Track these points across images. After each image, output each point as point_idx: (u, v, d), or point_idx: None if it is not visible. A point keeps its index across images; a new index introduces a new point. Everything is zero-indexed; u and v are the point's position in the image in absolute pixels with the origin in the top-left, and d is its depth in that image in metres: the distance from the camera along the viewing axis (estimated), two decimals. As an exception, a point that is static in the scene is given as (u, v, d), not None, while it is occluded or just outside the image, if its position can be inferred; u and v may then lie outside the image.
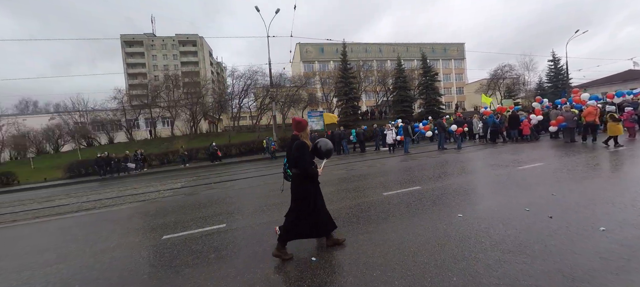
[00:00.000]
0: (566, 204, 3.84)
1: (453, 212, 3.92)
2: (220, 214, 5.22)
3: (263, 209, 5.29)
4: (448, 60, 63.15)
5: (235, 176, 11.20)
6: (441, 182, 5.90)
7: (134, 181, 14.24)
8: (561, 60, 40.28)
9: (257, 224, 4.37)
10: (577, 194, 4.25)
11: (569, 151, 8.69)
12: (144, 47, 63.15)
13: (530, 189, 4.76)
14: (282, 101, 36.61)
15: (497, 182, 5.56)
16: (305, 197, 3.03)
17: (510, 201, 4.21)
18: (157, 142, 30.88)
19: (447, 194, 4.96)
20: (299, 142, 3.00)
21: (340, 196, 5.62)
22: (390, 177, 7.12)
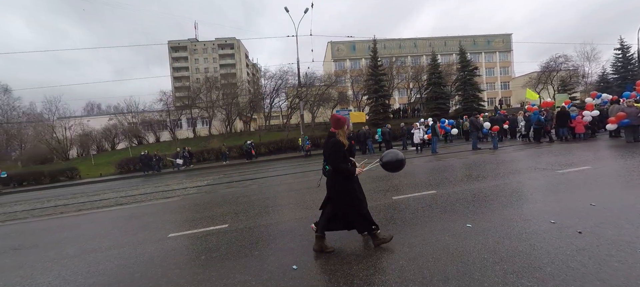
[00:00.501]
0: (606, 218, 3.21)
1: (462, 222, 3.52)
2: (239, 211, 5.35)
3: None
4: (492, 53, 58.15)
5: (268, 173, 11.53)
6: (460, 187, 5.38)
7: (171, 177, 15.44)
8: (631, 48, 34.73)
9: (261, 225, 4.39)
10: (624, 206, 3.54)
11: (627, 152, 7.37)
12: (187, 52, 68.29)
13: (565, 197, 4.10)
14: (312, 100, 36.94)
15: (525, 187, 4.89)
16: (341, 193, 3.01)
17: (534, 211, 3.66)
18: (196, 141, 33.19)
19: (462, 200, 4.49)
20: (334, 140, 2.97)
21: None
22: (407, 179, 6.68)
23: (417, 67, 37.59)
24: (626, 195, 3.95)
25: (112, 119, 38.24)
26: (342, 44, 56.64)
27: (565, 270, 2.27)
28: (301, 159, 17.75)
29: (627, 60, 35.02)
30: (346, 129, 3.09)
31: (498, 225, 3.31)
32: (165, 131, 38.53)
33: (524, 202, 4.07)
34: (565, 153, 8.39)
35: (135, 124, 37.96)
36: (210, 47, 68.96)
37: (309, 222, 4.20)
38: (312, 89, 37.19)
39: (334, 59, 56.45)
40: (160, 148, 28.74)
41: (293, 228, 4.01)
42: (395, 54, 55.12)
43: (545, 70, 37.45)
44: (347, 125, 3.10)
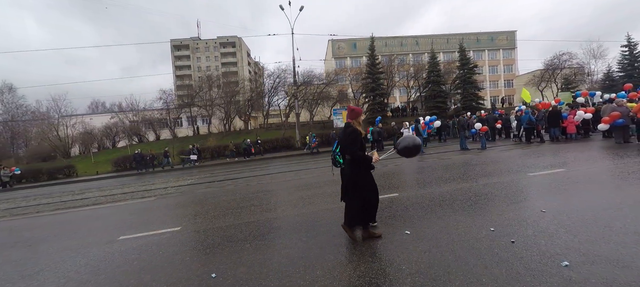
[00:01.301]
0: (548, 226, 3.08)
1: (403, 228, 3.42)
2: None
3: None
4: (495, 51, 57.15)
5: (257, 172, 11.53)
6: (424, 190, 5.25)
7: (162, 176, 15.55)
8: (639, 46, 33.77)
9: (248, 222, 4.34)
10: (572, 213, 3.39)
11: (611, 154, 7.13)
12: (189, 50, 68.71)
13: (519, 203, 3.96)
14: (311, 99, 36.82)
15: (487, 192, 4.74)
16: (358, 183, 3.08)
17: (480, 218, 3.54)
18: (195, 139, 33.41)
19: (417, 204, 4.38)
20: (351, 129, 3.08)
21: (302, 201, 5.34)
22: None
23: (416, 65, 37.04)
24: (582, 201, 3.80)
25: (113, 117, 38.78)
26: (343, 41, 56.32)
27: (476, 282, 2.17)
28: (297, 157, 17.72)
29: (634, 58, 34.10)
30: (361, 119, 3.22)
31: (436, 232, 3.20)
32: (166, 129, 38.90)
33: (476, 209, 3.94)
34: (548, 154, 8.18)
35: (136, 122, 38.39)
36: (212, 45, 69.28)
37: (260, 226, 4.16)
38: (311, 87, 37.08)
39: (334, 57, 56.14)
40: (158, 146, 29.03)
41: (249, 232, 3.96)
42: (397, 52, 54.65)
43: (548, 68, 36.68)
44: (362, 115, 3.25)
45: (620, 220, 3.04)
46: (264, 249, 3.22)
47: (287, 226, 4.00)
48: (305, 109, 38.49)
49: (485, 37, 57.17)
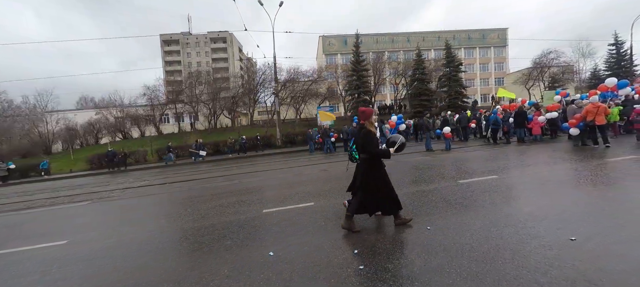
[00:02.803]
0: (423, 247, 2.84)
1: (265, 250, 3.15)
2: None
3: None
4: (487, 49, 56.94)
5: (217, 172, 11.24)
6: (342, 199, 5.01)
7: (133, 175, 15.22)
8: (626, 44, 33.68)
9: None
10: (458, 232, 3.15)
11: (560, 159, 6.93)
12: (179, 46, 67.75)
13: (421, 217, 3.71)
14: (298, 96, 36.42)
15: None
16: (374, 179, 3.32)
17: (356, 235, 3.29)
18: (180, 136, 32.97)
19: (327, 215, 4.13)
20: (366, 130, 3.34)
21: (222, 209, 5.08)
22: (302, 188, 6.32)
23: (404, 62, 36.73)
24: (481, 215, 3.56)
25: (98, 113, 38.17)
26: (334, 38, 55.78)
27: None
28: (272, 157, 17.41)
29: (621, 57, 34.04)
30: (374, 118, 3.52)
31: (303, 253, 2.94)
32: (151, 126, 38.33)
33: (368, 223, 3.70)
34: (499, 158, 7.97)
35: (121, 118, 37.79)
36: (203, 40, 68.37)
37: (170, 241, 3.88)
38: (297, 84, 36.64)
39: (325, 54, 55.67)
40: (141, 144, 28.62)
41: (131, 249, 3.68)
42: (388, 49, 54.29)
43: (536, 66, 36.55)
44: (374, 115, 3.52)
45: (493, 241, 2.80)
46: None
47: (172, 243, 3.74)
48: (292, 107, 38.17)
49: (477, 35, 56.94)
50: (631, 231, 2.73)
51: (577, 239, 2.64)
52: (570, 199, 3.85)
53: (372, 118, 3.45)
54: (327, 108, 32.21)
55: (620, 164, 5.72)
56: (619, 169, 5.37)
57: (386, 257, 2.66)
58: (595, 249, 2.45)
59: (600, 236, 2.66)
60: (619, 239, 2.58)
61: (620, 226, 2.86)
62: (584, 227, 2.90)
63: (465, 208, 3.88)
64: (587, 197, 3.88)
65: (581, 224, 2.98)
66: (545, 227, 2.98)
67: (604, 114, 8.60)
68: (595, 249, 2.45)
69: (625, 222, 2.92)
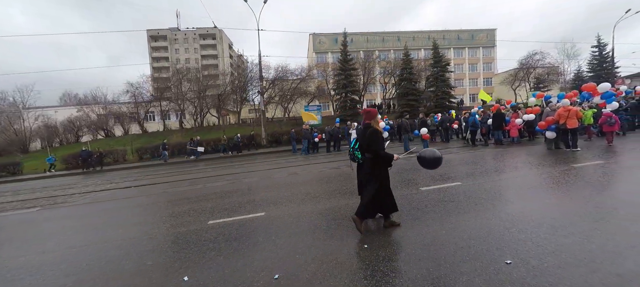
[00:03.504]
0: (307, 267, 2.59)
1: (178, 278, 2.87)
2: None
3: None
4: (475, 49, 57.43)
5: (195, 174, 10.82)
6: (294, 208, 4.74)
7: (109, 176, 14.65)
8: (608, 46, 34.39)
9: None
10: (392, 247, 2.92)
11: (530, 163, 6.82)
12: (167, 41, 66.28)
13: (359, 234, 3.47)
14: (287, 95, 35.99)
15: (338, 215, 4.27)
16: (376, 178, 3.32)
17: (271, 254, 3.02)
18: (165, 134, 32.19)
19: (265, 227, 3.86)
20: (372, 130, 3.34)
21: (169, 219, 4.76)
22: (259, 195, 6.04)
23: (392, 62, 36.67)
24: (424, 233, 3.34)
25: (80, 110, 37.01)
26: (324, 36, 55.35)
27: None
28: (253, 157, 17.04)
29: (603, 58, 34.75)
30: (378, 119, 3.61)
31: (221, 278, 2.66)
32: (135, 124, 37.33)
33: (292, 235, 3.44)
34: (470, 162, 7.83)
35: (104, 116, 36.68)
36: (191, 37, 67.06)
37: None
38: (286, 83, 36.19)
39: (315, 52, 55.25)
40: (123, 143, 27.80)
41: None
42: (378, 48, 54.24)
43: (522, 67, 37.02)
44: (378, 116, 3.52)
45: (424, 263, 2.57)
46: None
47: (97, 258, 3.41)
48: (281, 106, 37.71)
49: (466, 35, 57.36)
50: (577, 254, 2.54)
51: (512, 262, 2.43)
52: (517, 212, 3.67)
53: (377, 118, 3.45)
54: (314, 108, 31.95)
55: (581, 171, 5.61)
56: (579, 176, 5.25)
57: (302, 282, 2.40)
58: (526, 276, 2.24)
59: (537, 259, 2.46)
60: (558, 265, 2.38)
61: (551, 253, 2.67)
62: (523, 252, 2.70)
63: (415, 221, 3.65)
64: (536, 211, 3.70)
65: (519, 245, 2.78)
66: (486, 248, 2.77)
67: (575, 117, 8.57)
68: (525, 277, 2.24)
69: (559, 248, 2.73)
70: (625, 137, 10.03)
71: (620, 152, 7.27)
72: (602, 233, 2.84)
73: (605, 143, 8.72)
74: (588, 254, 2.47)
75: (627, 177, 5.04)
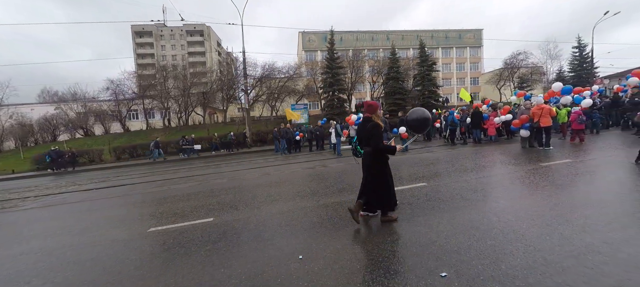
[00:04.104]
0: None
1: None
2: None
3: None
4: (463, 49, 58.14)
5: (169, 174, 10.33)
6: (238, 214, 4.44)
7: (69, 178, 13.99)
8: (588, 47, 35.21)
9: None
10: (344, 258, 2.67)
11: (501, 162, 6.71)
12: (153, 38, 64.55)
13: (303, 239, 3.21)
14: (275, 94, 35.46)
15: (286, 221, 4.01)
16: (380, 173, 3.32)
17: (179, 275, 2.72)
18: (148, 133, 31.26)
19: (208, 236, 3.54)
20: (372, 124, 3.27)
21: (108, 222, 4.38)
22: (217, 198, 5.73)
23: (380, 60, 36.63)
24: (368, 240, 3.10)
25: (58, 108, 35.56)
26: (314, 34, 55.02)
27: None
28: (232, 157, 16.61)
29: (583, 59, 35.56)
30: (380, 112, 3.48)
31: (127, 295, 2.34)
32: (116, 122, 36.10)
33: (220, 254, 3.15)
34: (443, 161, 7.69)
35: (84, 114, 35.30)
36: (178, 33, 65.52)
37: None
38: (273, 81, 35.66)
39: (305, 50, 54.87)
40: (102, 142, 26.81)
41: None
42: (368, 47, 54.25)
43: (507, 67, 37.56)
44: (379, 109, 3.44)
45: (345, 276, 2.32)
46: None
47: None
48: (268, 104, 37.16)
49: (454, 35, 58.00)
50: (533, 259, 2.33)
51: (447, 276, 2.20)
52: (467, 219, 3.47)
53: (379, 112, 3.41)
54: (301, 106, 31.61)
55: (547, 171, 5.50)
56: (544, 175, 5.13)
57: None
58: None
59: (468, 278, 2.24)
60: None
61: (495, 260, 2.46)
62: (461, 264, 2.48)
63: (365, 228, 3.41)
64: (489, 215, 3.52)
65: (460, 255, 2.57)
66: (425, 258, 2.54)
67: (549, 115, 8.55)
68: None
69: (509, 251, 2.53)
70: (599, 136, 10.13)
71: (589, 151, 7.25)
72: (549, 239, 2.66)
73: (578, 141, 8.76)
74: (531, 264, 2.27)
75: (589, 177, 4.94)
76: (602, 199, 3.65)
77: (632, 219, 2.95)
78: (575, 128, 8.79)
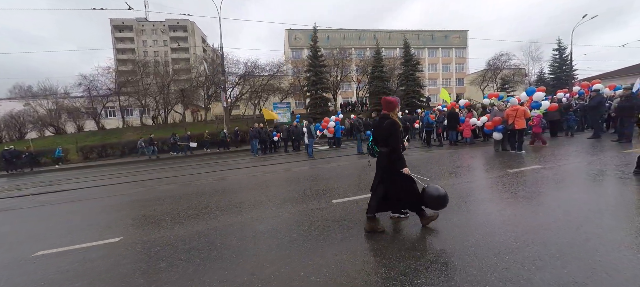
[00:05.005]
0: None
1: None
2: None
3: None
4: (449, 49, 58.69)
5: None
6: (162, 233, 3.80)
7: (19, 180, 12.88)
8: (568, 49, 35.97)
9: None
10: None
11: (470, 167, 6.29)
12: (133, 32, 62.18)
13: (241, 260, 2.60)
14: (259, 91, 34.52)
15: (203, 244, 3.41)
16: (397, 173, 3.03)
17: None
18: (122, 132, 29.82)
19: (102, 263, 2.89)
20: (391, 121, 3.02)
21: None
22: (142, 211, 5.07)
23: (364, 60, 36.31)
24: (296, 258, 2.53)
25: (27, 104, 33.54)
26: (300, 32, 54.25)
27: None
28: (205, 158, 15.78)
29: (563, 61, 36.31)
30: (398, 110, 3.20)
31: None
32: (90, 120, 34.28)
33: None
34: (413, 166, 7.22)
35: (56, 110, 33.35)
36: (160, 28, 63.36)
37: None
38: (257, 79, 34.74)
39: (291, 48, 54.09)
40: (66, 141, 25.32)
41: None
42: (355, 46, 53.97)
43: (490, 68, 37.94)
44: (398, 107, 3.18)
45: None
46: None
47: None
48: (250, 102, 36.19)
49: (440, 35, 58.44)
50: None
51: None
52: (407, 237, 2.96)
53: (397, 110, 3.18)
54: (284, 105, 30.89)
55: (513, 179, 5.09)
56: (507, 185, 4.71)
57: None
58: None
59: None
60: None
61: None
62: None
63: (305, 243, 2.83)
64: (435, 234, 3.01)
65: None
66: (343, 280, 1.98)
67: (523, 117, 8.24)
68: None
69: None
70: (574, 138, 9.95)
71: (560, 156, 6.94)
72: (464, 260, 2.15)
73: (539, 144, 8.65)
74: None
75: (555, 186, 4.55)
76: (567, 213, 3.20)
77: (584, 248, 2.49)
78: (536, 131, 8.60)
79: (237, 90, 36.80)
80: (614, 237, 2.58)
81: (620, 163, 5.47)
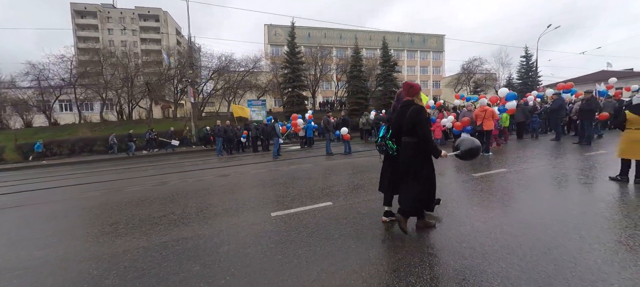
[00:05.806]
0: None
1: None
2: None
3: None
4: (426, 52, 60.10)
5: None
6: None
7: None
8: (534, 56, 37.89)
9: None
10: None
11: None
12: (97, 19, 57.60)
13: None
14: (234, 87, 33.02)
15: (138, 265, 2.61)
16: (429, 168, 2.76)
17: None
18: (74, 127, 27.15)
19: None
20: (416, 107, 2.69)
21: None
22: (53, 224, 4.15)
23: (343, 59, 36.04)
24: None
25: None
26: (280, 28, 53.03)
27: None
28: (163, 158, 14.48)
29: (529, 67, 38.17)
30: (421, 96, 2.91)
31: None
32: (41, 115, 30.99)
33: None
34: (369, 169, 6.70)
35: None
36: (129, 16, 59.26)
37: None
38: (232, 75, 33.22)
39: (270, 44, 52.81)
40: (6, 138, 22.54)
41: None
42: (335, 45, 53.71)
43: (464, 72, 39.11)
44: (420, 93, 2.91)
45: None
46: None
47: None
48: (225, 99, 34.61)
49: (418, 38, 59.67)
50: None
51: None
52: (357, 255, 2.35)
53: (420, 96, 2.88)
54: (259, 102, 29.73)
55: (477, 184, 4.69)
56: (469, 190, 4.29)
57: None
58: None
59: None
60: None
61: None
62: None
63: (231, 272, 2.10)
64: (383, 247, 2.43)
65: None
66: None
67: (492, 118, 8.04)
68: None
69: None
70: (538, 140, 10.00)
71: (526, 159, 6.74)
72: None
73: (495, 146, 8.71)
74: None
75: (519, 189, 4.18)
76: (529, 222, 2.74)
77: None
78: (494, 133, 8.55)
79: (210, 86, 35.12)
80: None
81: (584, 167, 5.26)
